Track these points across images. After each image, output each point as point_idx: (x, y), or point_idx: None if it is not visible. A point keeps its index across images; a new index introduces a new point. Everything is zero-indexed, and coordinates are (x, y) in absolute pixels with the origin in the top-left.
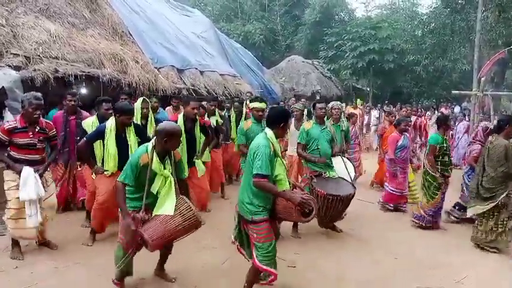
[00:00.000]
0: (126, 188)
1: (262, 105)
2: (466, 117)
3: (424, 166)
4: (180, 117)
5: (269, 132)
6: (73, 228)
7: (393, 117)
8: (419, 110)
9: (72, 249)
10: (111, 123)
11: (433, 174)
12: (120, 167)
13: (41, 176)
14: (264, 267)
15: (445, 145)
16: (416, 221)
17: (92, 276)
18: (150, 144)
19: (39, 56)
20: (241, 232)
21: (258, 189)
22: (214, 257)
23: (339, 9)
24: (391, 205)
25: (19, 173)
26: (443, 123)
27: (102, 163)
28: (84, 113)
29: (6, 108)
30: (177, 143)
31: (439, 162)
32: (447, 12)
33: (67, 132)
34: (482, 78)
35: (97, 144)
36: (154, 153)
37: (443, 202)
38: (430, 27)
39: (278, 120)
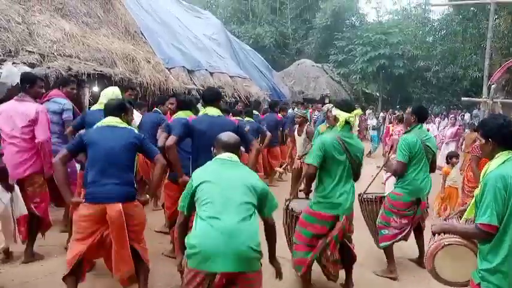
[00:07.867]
0: None
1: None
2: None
3: None
4: None
5: None
6: None
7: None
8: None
9: None
10: None
11: None
12: None
13: None
14: None
15: None
16: None
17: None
18: None
19: (53, 54)
20: None
21: None
22: None
23: (350, 13)
24: None
25: None
26: None
27: None
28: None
29: None
30: None
31: None
32: (459, 19)
33: None
34: (493, 86)
35: None
36: None
37: None
38: (441, 33)
39: None
